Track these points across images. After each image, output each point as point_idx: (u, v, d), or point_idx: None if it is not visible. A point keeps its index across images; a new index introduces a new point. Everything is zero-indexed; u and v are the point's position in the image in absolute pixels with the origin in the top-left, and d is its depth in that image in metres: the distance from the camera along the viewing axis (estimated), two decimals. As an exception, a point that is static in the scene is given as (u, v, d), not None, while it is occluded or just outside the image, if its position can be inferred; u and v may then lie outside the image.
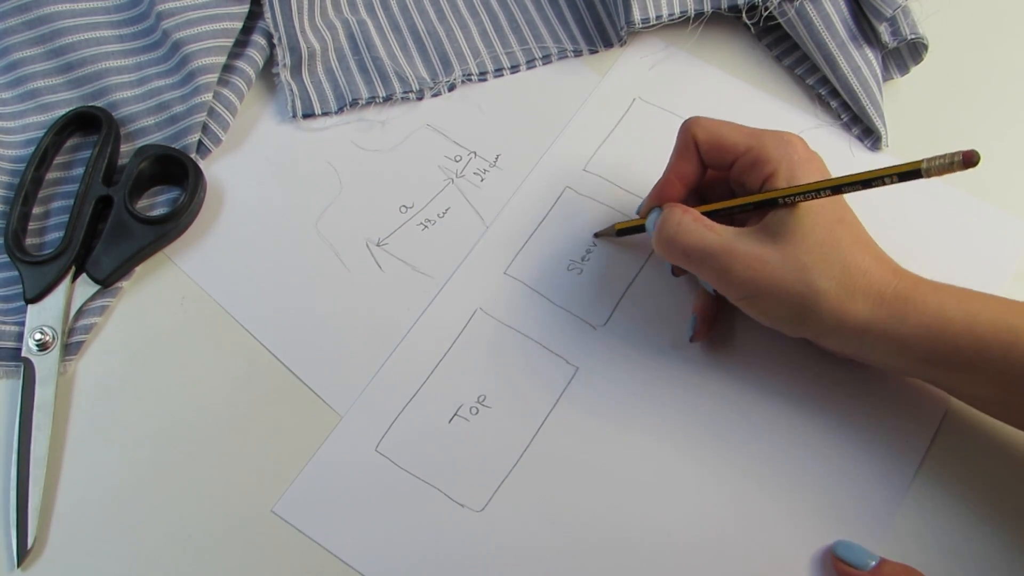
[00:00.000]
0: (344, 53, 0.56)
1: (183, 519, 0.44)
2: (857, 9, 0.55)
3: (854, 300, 0.41)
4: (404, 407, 0.47)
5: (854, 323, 0.41)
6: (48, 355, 0.47)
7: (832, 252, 0.41)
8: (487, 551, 0.44)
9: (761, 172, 0.43)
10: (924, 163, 0.37)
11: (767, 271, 0.41)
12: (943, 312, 0.41)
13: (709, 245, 0.42)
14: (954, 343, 0.40)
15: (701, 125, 0.45)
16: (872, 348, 0.42)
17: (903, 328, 0.41)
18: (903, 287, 0.41)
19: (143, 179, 0.51)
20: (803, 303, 0.41)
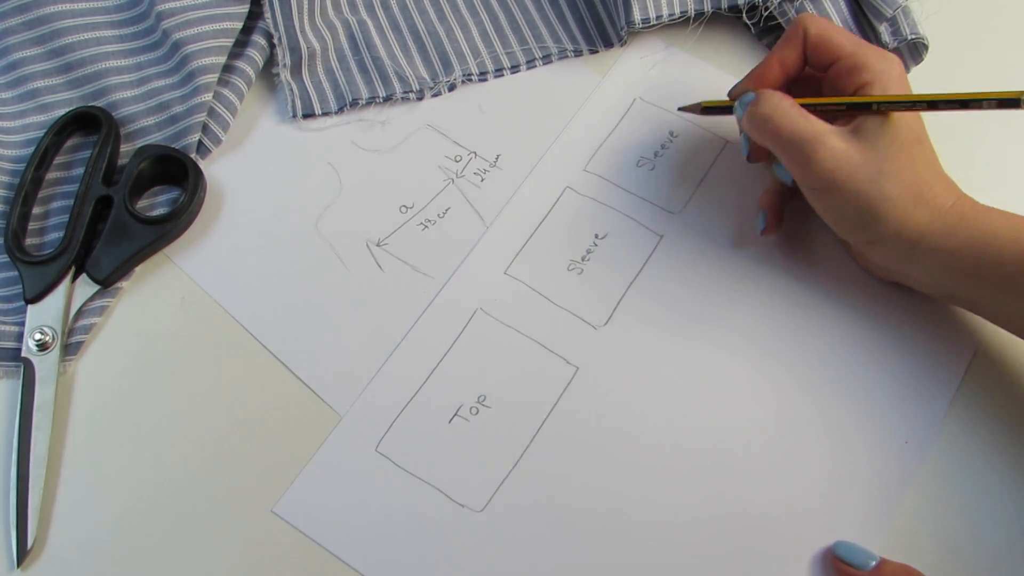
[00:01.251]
0: (344, 53, 0.56)
1: (182, 519, 0.44)
2: (857, 9, 0.55)
3: (916, 208, 0.44)
4: (404, 407, 0.47)
5: (910, 231, 0.44)
6: (48, 355, 0.47)
7: (907, 164, 0.44)
8: (487, 551, 0.44)
9: (859, 78, 0.45)
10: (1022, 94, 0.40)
11: (848, 167, 0.44)
12: (991, 227, 0.43)
13: (803, 130, 0.45)
14: (998, 255, 0.43)
15: (814, 21, 0.47)
16: (920, 260, 0.45)
17: (952, 241, 0.44)
18: (961, 204, 0.44)
19: (143, 179, 0.51)
20: (871, 204, 0.44)
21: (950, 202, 0.44)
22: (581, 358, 0.48)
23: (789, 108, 0.45)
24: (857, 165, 0.44)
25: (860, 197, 0.44)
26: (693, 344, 0.49)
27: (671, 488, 0.45)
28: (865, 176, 0.44)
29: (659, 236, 0.52)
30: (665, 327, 0.49)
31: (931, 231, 0.44)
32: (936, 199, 0.44)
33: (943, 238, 0.44)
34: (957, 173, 0.46)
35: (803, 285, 0.50)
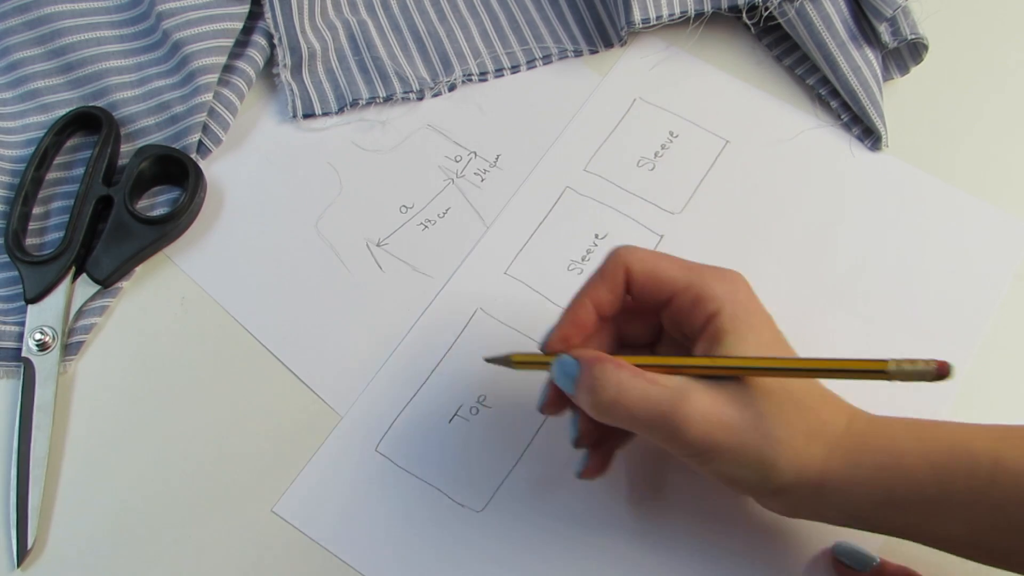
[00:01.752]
0: (344, 53, 0.56)
1: (183, 519, 0.44)
2: (857, 9, 0.55)
3: (809, 446, 0.37)
4: (404, 407, 0.47)
5: (811, 472, 0.37)
6: (48, 355, 0.47)
7: (784, 397, 0.37)
8: (487, 551, 0.44)
9: (703, 310, 0.39)
10: (892, 364, 0.33)
11: (724, 428, 0.37)
12: (896, 447, 0.37)
13: (658, 405, 0.37)
14: (911, 477, 0.37)
15: (636, 255, 0.40)
16: (829, 500, 0.38)
17: (859, 472, 0.37)
18: (856, 427, 0.38)
19: (143, 179, 0.51)
20: (762, 456, 0.37)
21: (843, 425, 0.38)
22: (581, 358, 0.48)
23: (631, 381, 0.37)
24: (735, 420, 0.37)
25: (747, 452, 0.37)
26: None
27: (671, 486, 0.45)
28: (746, 426, 0.37)
29: (659, 236, 0.52)
30: (665, 327, 0.49)
31: (832, 467, 0.37)
32: (827, 428, 0.37)
33: (848, 471, 0.37)
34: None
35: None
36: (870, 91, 0.53)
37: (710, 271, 0.40)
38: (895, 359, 0.33)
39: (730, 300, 0.39)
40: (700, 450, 0.37)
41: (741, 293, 0.39)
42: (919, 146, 0.54)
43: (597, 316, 0.41)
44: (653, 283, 0.40)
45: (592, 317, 0.40)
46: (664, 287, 0.40)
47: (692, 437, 0.37)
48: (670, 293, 0.40)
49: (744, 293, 0.39)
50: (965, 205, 0.53)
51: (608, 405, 0.38)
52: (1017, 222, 0.52)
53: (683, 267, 0.40)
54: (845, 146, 0.55)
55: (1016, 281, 0.51)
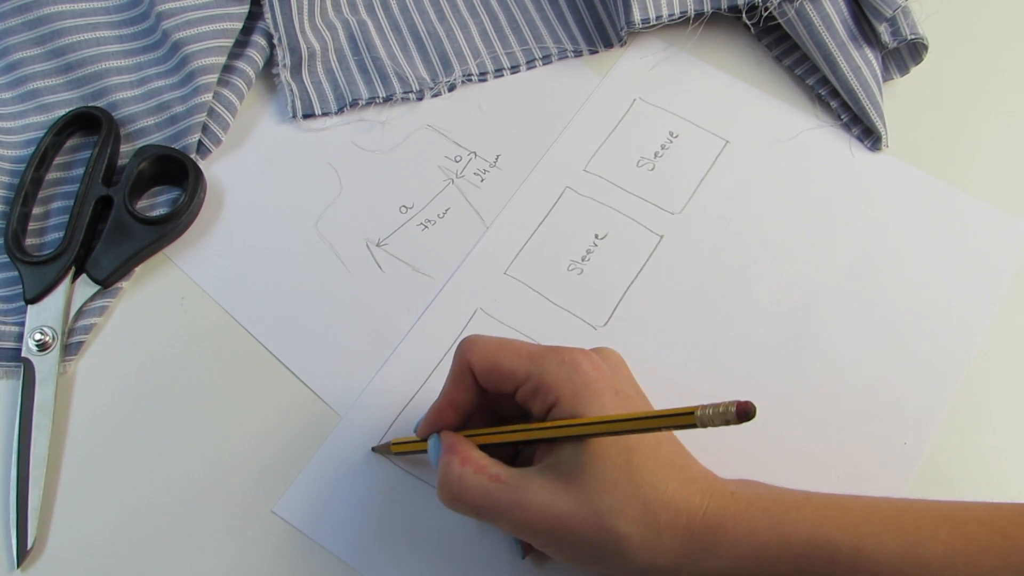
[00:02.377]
0: (344, 53, 0.56)
1: (183, 519, 0.44)
2: (857, 9, 0.55)
3: (659, 539, 0.36)
4: (404, 407, 0.47)
5: (664, 564, 0.36)
6: (48, 355, 0.47)
7: (628, 488, 0.36)
8: (487, 551, 0.44)
9: (544, 400, 0.38)
10: (698, 411, 0.32)
11: (562, 521, 0.36)
12: (755, 536, 0.36)
13: (497, 502, 0.37)
14: (774, 570, 0.36)
15: (476, 350, 0.40)
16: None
17: (717, 562, 0.36)
18: (711, 512, 0.36)
19: (143, 179, 0.51)
20: (606, 550, 0.36)
21: (699, 513, 0.36)
22: (581, 358, 0.48)
23: (472, 478, 0.38)
24: (571, 512, 0.36)
25: (588, 545, 0.36)
26: (694, 341, 0.49)
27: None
28: (585, 521, 0.36)
29: (659, 236, 0.52)
30: (665, 327, 0.49)
31: (687, 557, 0.36)
32: (678, 519, 0.36)
33: (705, 562, 0.36)
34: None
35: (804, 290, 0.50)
36: (870, 91, 0.53)
37: (550, 356, 0.39)
38: (700, 406, 0.32)
39: (568, 386, 0.38)
40: (544, 544, 0.38)
41: (579, 376, 0.38)
42: (919, 146, 0.54)
43: (459, 413, 0.41)
44: (496, 376, 0.39)
45: (452, 419, 0.41)
46: (506, 379, 0.39)
47: (533, 528, 0.37)
48: (513, 385, 0.39)
49: (583, 374, 0.38)
50: (965, 205, 0.53)
51: (453, 500, 0.39)
52: (1017, 222, 0.52)
53: (522, 357, 0.39)
54: (845, 146, 0.55)
55: (1016, 281, 0.51)
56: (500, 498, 0.37)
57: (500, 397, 0.41)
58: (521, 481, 0.38)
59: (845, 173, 0.54)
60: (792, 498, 0.38)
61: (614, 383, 0.39)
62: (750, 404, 0.31)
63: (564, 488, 0.37)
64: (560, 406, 0.38)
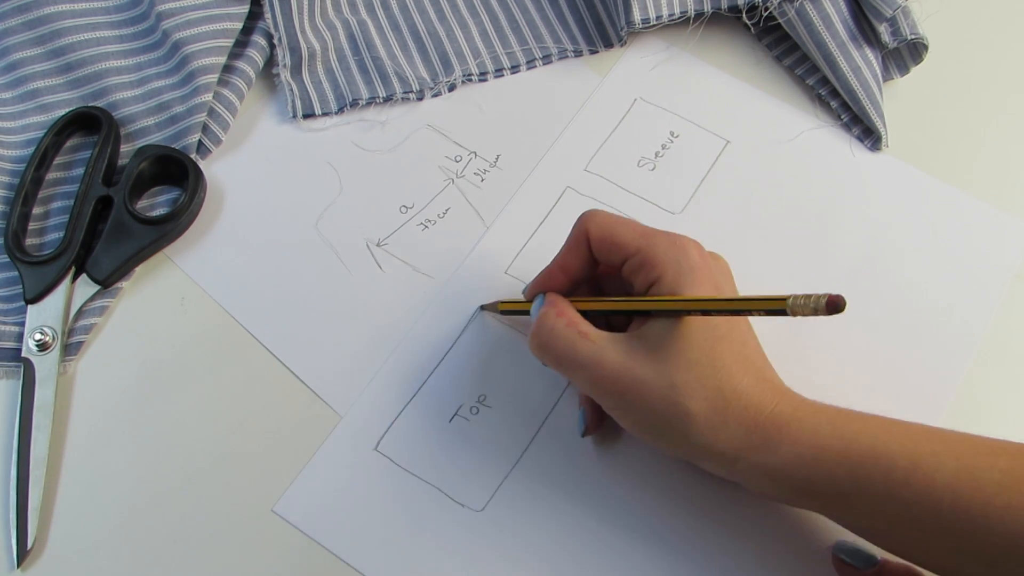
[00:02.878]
0: (344, 53, 0.56)
1: (183, 519, 0.44)
2: (857, 9, 0.55)
3: (726, 425, 0.38)
4: (404, 407, 0.47)
5: (724, 448, 0.39)
6: (48, 355, 0.47)
7: (707, 371, 0.38)
8: (487, 551, 0.44)
9: (648, 276, 0.40)
10: (790, 300, 0.34)
11: (636, 386, 0.39)
12: (817, 439, 0.38)
13: (580, 354, 0.40)
14: (829, 473, 0.38)
15: (595, 220, 0.42)
16: (744, 475, 0.40)
17: (775, 458, 0.38)
18: (779, 411, 0.38)
19: (143, 179, 0.51)
20: (672, 424, 0.38)
21: (767, 409, 0.38)
22: (581, 358, 0.48)
23: (563, 331, 0.41)
24: (647, 380, 0.38)
25: (659, 415, 0.38)
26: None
27: (671, 485, 0.45)
28: (659, 392, 0.38)
29: (659, 236, 0.52)
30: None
31: (749, 447, 0.38)
32: (747, 410, 0.38)
33: (763, 455, 0.38)
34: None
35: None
36: (870, 91, 0.53)
37: (661, 237, 0.41)
38: (793, 295, 0.34)
39: (673, 266, 0.40)
40: (613, 405, 0.40)
41: (685, 259, 0.40)
42: (919, 146, 0.54)
43: (568, 278, 0.43)
44: (609, 247, 0.42)
45: (561, 282, 0.44)
46: (618, 251, 0.42)
47: (608, 388, 0.40)
48: (623, 256, 0.42)
49: (693, 258, 0.40)
50: (965, 205, 0.53)
51: (540, 347, 0.42)
52: (1017, 222, 0.52)
53: (637, 233, 0.41)
54: (845, 146, 0.55)
55: (1016, 281, 0.51)
56: (584, 351, 0.40)
57: (607, 275, 0.45)
58: (608, 342, 0.40)
59: (845, 173, 0.54)
60: (858, 414, 0.39)
61: (716, 277, 0.41)
62: (841, 298, 0.33)
63: (646, 356, 0.39)
64: (662, 283, 0.40)
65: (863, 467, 0.37)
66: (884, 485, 0.37)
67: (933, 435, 0.38)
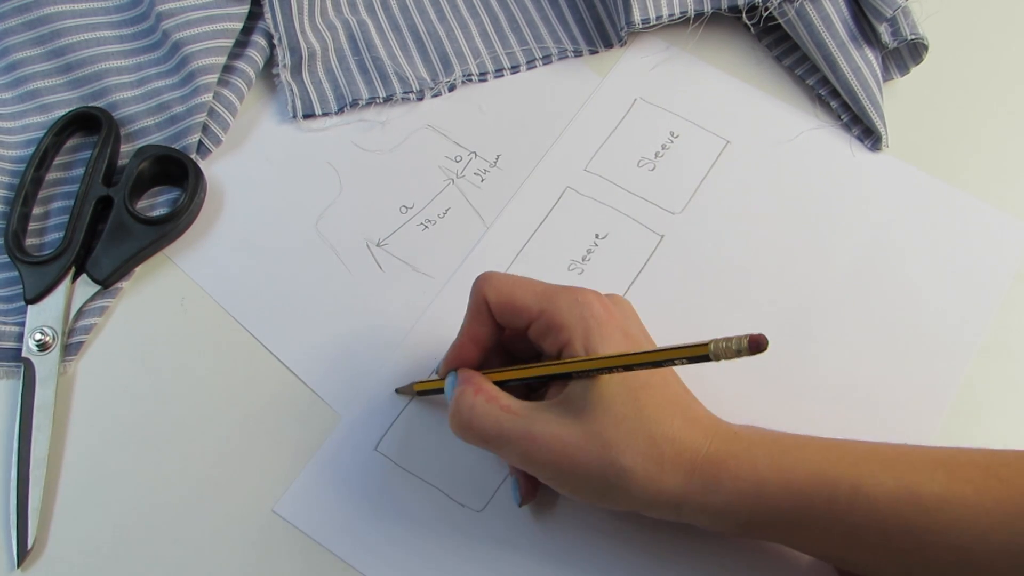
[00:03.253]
0: (344, 53, 0.56)
1: (183, 519, 0.44)
2: (857, 9, 0.55)
3: (663, 473, 0.38)
4: (404, 407, 0.47)
5: (667, 497, 0.38)
6: (48, 355, 0.47)
7: (636, 424, 0.38)
8: (487, 551, 0.44)
9: (556, 339, 0.40)
10: (711, 345, 0.33)
11: (568, 452, 0.38)
12: (757, 474, 0.37)
13: (506, 431, 0.39)
14: (773, 506, 0.37)
15: (492, 284, 0.41)
16: (691, 518, 0.39)
17: (718, 498, 0.38)
18: (715, 450, 0.38)
19: (143, 179, 0.51)
20: (610, 483, 0.38)
21: (702, 450, 0.38)
22: (581, 358, 0.48)
23: (484, 407, 0.39)
24: (579, 445, 0.38)
25: (596, 476, 0.38)
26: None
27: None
28: (592, 453, 0.38)
29: (659, 236, 0.52)
30: (665, 327, 0.49)
31: (690, 492, 0.38)
32: (682, 455, 0.38)
33: (706, 496, 0.38)
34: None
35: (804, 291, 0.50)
36: (870, 91, 0.53)
37: (562, 295, 0.40)
38: (714, 339, 0.33)
39: (580, 324, 0.39)
40: (549, 476, 0.40)
41: (591, 315, 0.39)
42: (919, 146, 0.54)
43: (479, 349, 0.42)
44: (510, 311, 0.41)
45: (472, 354, 0.42)
46: (520, 315, 0.41)
47: (540, 459, 0.39)
48: (527, 320, 0.41)
49: (597, 313, 0.39)
50: (965, 205, 0.53)
51: (463, 427, 0.40)
52: (1017, 223, 0.52)
53: (536, 294, 0.40)
54: (845, 146, 0.55)
55: (1016, 282, 0.51)
56: (510, 427, 0.39)
57: (515, 339, 0.43)
58: (532, 413, 0.39)
59: (845, 173, 0.54)
60: (794, 440, 0.39)
61: (624, 325, 0.40)
62: (763, 337, 0.32)
63: (573, 421, 0.38)
64: (572, 345, 0.39)
65: (805, 496, 0.37)
66: (828, 512, 0.37)
67: (872, 454, 0.38)
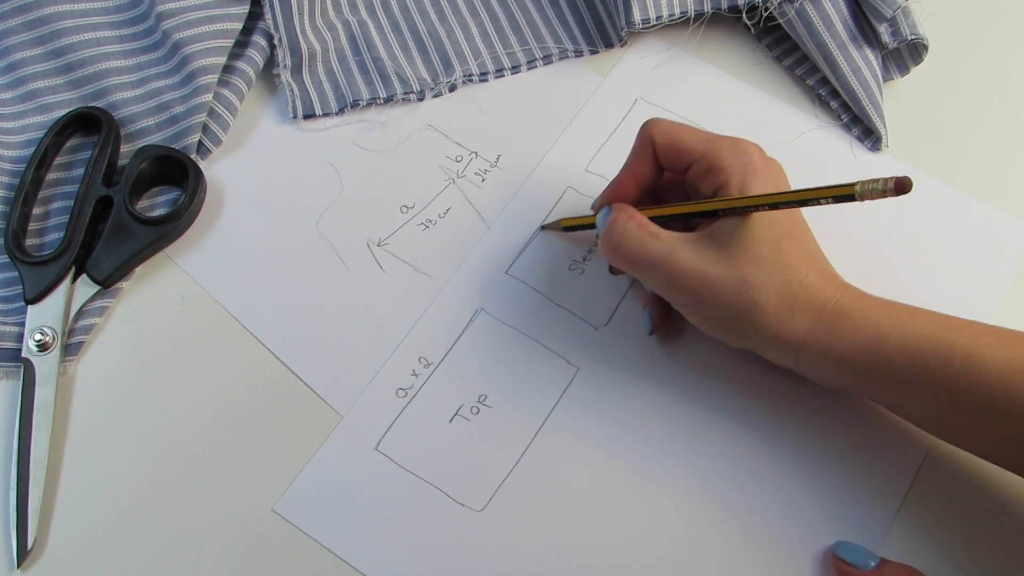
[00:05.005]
0: (345, 54, 0.56)
1: (183, 519, 0.44)
2: (857, 10, 0.55)
3: (792, 315, 0.41)
4: (404, 407, 0.47)
5: (791, 338, 0.41)
6: (48, 356, 0.47)
7: (775, 266, 0.41)
8: (487, 551, 0.44)
9: (714, 180, 0.43)
10: (857, 186, 0.36)
11: (707, 282, 0.41)
12: (880, 328, 0.40)
13: (652, 254, 0.42)
14: (889, 360, 0.40)
15: (660, 127, 0.44)
16: (810, 363, 0.42)
17: (840, 344, 0.41)
18: (844, 302, 0.41)
19: (143, 180, 0.51)
20: (741, 316, 0.41)
21: (831, 300, 0.41)
22: (581, 358, 0.48)
23: (635, 231, 0.43)
24: (718, 277, 0.41)
25: (729, 309, 0.41)
26: (694, 343, 0.48)
27: (672, 486, 0.45)
28: (729, 287, 0.41)
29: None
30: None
31: (814, 336, 0.41)
32: (812, 301, 0.41)
33: (829, 342, 0.41)
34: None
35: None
36: (870, 91, 0.54)
37: (725, 142, 0.43)
38: (860, 181, 0.36)
39: (738, 169, 0.42)
40: (686, 299, 0.43)
41: (752, 162, 0.42)
42: (919, 146, 0.55)
43: (637, 186, 0.45)
44: (674, 152, 0.44)
45: (631, 190, 0.46)
46: (683, 155, 0.44)
47: (678, 287, 0.42)
48: (689, 161, 0.44)
49: (754, 161, 0.42)
50: (965, 206, 0.53)
51: (613, 249, 0.44)
52: (1017, 223, 0.53)
53: (701, 138, 0.44)
54: (846, 146, 0.55)
55: (1016, 282, 0.51)
56: (656, 250, 0.42)
57: (668, 187, 0.46)
58: (678, 242, 0.42)
59: (845, 173, 0.53)
60: (919, 309, 0.41)
61: (777, 180, 0.43)
62: (907, 179, 0.34)
63: (716, 254, 0.41)
64: (729, 186, 0.42)
65: (922, 356, 0.39)
66: (941, 373, 0.39)
67: (989, 330, 0.40)
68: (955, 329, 0.40)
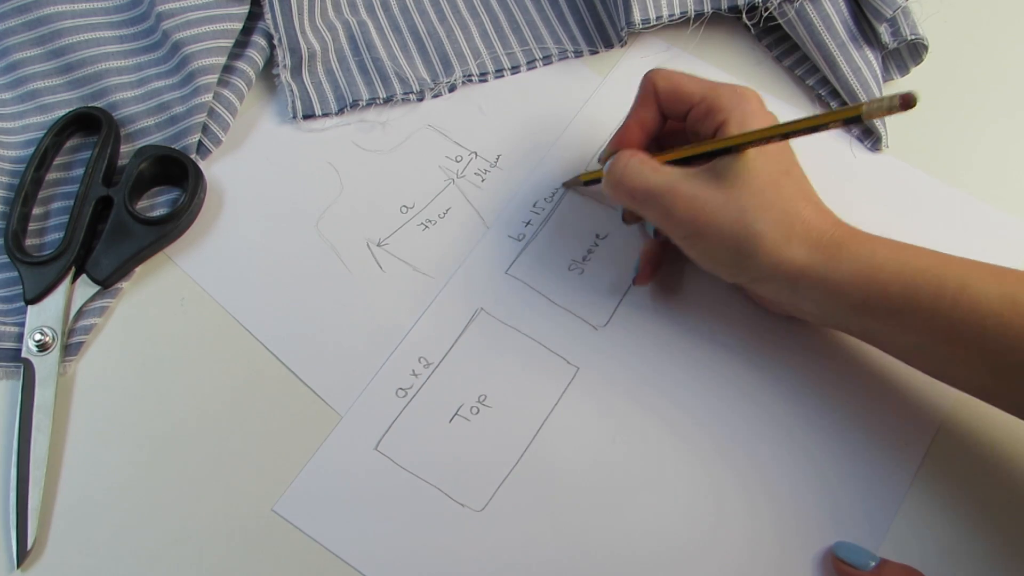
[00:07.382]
0: (344, 54, 0.56)
1: (183, 519, 0.44)
2: (857, 10, 0.55)
3: (790, 244, 0.42)
4: (404, 407, 0.47)
5: (789, 267, 0.42)
6: (48, 356, 0.47)
7: (773, 198, 0.42)
8: (487, 551, 0.44)
9: (714, 120, 0.44)
10: (864, 107, 0.37)
11: (707, 211, 0.42)
12: (875, 259, 0.41)
13: (653, 185, 0.44)
14: (884, 290, 0.41)
15: (661, 74, 0.46)
16: (805, 295, 0.43)
17: (836, 274, 0.42)
18: (839, 234, 0.42)
19: (143, 180, 0.51)
20: (740, 245, 0.42)
21: (828, 232, 0.42)
22: (581, 358, 0.48)
23: (637, 166, 0.45)
24: (717, 206, 0.42)
25: (728, 238, 0.42)
26: (695, 343, 0.48)
27: (671, 488, 0.45)
28: (728, 216, 0.42)
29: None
30: (666, 327, 0.49)
31: (811, 265, 0.42)
32: (809, 232, 0.42)
33: (825, 272, 0.42)
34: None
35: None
36: (870, 92, 0.54)
37: (725, 88, 0.45)
38: (866, 102, 0.37)
39: (737, 111, 0.44)
40: (686, 230, 0.43)
41: (750, 106, 0.44)
42: (919, 146, 0.54)
43: (643, 132, 0.47)
44: (675, 96, 0.46)
45: (637, 136, 0.47)
46: (684, 100, 0.45)
47: (679, 217, 0.43)
48: (689, 105, 0.45)
49: (752, 105, 0.44)
50: (965, 206, 0.53)
51: (616, 183, 0.45)
52: (1017, 222, 0.52)
53: (701, 83, 0.45)
54: (845, 147, 0.55)
55: (1016, 281, 0.51)
56: (656, 182, 0.44)
57: (671, 135, 0.48)
58: (679, 175, 0.44)
59: (846, 173, 0.54)
60: (912, 244, 0.42)
61: (774, 121, 0.44)
62: (911, 95, 0.35)
63: (716, 186, 0.42)
64: (728, 125, 0.43)
65: (915, 286, 0.40)
66: (933, 304, 0.40)
67: (982, 265, 0.41)
68: (948, 263, 0.41)
